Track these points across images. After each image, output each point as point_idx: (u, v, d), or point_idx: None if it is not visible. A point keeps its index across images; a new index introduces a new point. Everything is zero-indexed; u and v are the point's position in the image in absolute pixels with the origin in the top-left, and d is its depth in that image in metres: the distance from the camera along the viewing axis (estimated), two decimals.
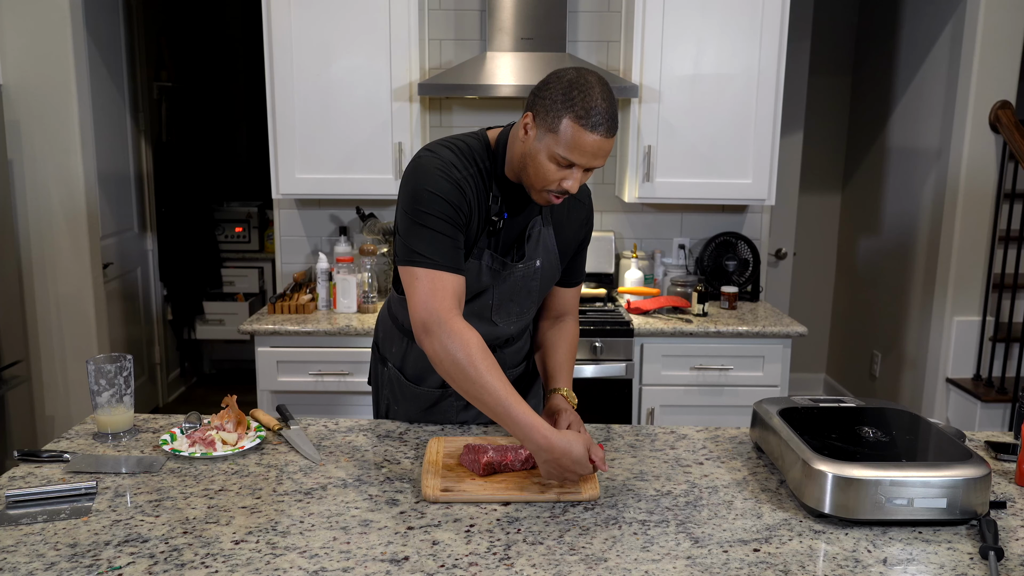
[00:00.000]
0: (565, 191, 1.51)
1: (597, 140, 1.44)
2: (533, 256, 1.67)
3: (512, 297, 1.70)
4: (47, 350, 3.50)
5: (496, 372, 1.42)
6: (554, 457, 1.38)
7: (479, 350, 1.43)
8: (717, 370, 2.93)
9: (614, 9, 3.31)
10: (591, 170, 1.52)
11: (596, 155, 1.47)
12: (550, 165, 1.48)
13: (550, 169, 1.48)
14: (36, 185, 3.39)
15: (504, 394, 1.40)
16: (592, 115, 1.42)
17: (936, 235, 3.59)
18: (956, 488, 1.29)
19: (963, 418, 3.49)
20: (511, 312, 1.72)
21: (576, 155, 1.46)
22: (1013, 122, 3.28)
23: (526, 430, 1.39)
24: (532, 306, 1.75)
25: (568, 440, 1.38)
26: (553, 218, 1.71)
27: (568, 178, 1.49)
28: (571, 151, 1.45)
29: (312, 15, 2.93)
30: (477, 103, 3.37)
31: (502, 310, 1.70)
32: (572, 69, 1.50)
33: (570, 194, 1.52)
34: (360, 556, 1.21)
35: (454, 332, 1.44)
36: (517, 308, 1.72)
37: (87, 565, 1.18)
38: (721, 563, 1.21)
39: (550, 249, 1.70)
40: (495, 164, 1.59)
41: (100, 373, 1.63)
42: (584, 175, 1.53)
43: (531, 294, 1.71)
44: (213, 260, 4.87)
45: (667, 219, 3.48)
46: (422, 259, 1.49)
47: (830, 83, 4.52)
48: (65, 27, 3.29)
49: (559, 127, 1.44)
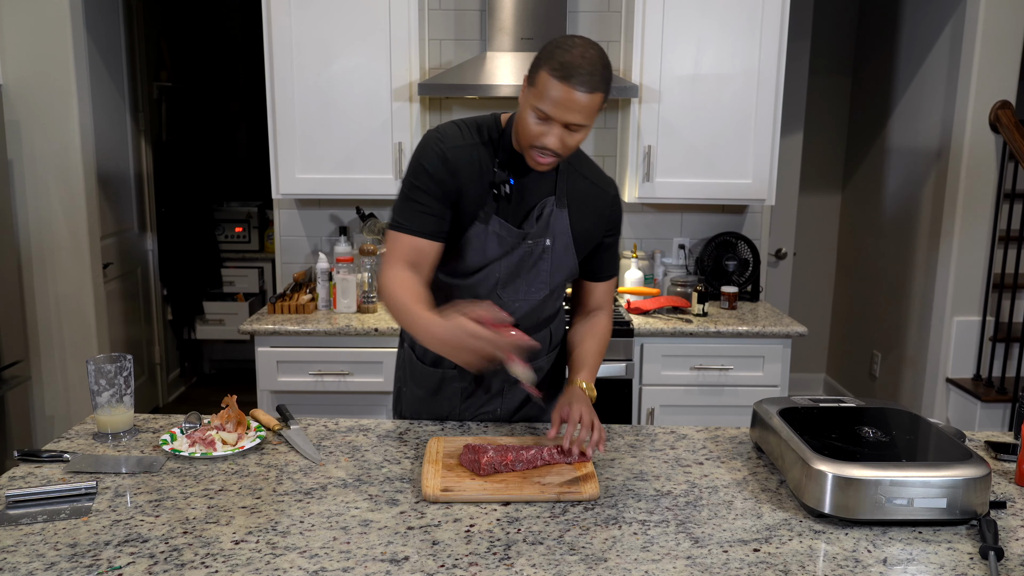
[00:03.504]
0: (545, 147, 1.55)
1: (567, 90, 1.47)
2: (543, 234, 1.69)
3: (519, 273, 1.71)
4: (47, 350, 3.50)
5: (411, 295, 1.56)
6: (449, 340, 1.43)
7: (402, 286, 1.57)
8: (717, 370, 2.93)
9: (614, 9, 3.31)
10: (576, 130, 1.54)
11: (569, 107, 1.49)
12: (530, 118, 1.54)
13: (531, 123, 1.54)
14: (36, 185, 3.39)
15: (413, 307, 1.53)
16: (566, 68, 1.47)
17: (936, 235, 3.59)
18: (956, 488, 1.29)
19: (963, 418, 3.49)
20: (518, 289, 1.72)
21: (548, 105, 1.50)
22: (1013, 122, 3.28)
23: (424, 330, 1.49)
24: (541, 287, 1.74)
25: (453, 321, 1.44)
26: (570, 202, 1.71)
27: (547, 133, 1.54)
28: (542, 101, 1.50)
29: (312, 15, 2.93)
30: (477, 103, 3.37)
31: (509, 286, 1.71)
32: (570, 36, 1.55)
33: (554, 153, 1.55)
34: (360, 556, 1.21)
35: (386, 277, 1.60)
36: (525, 286, 1.72)
37: (87, 565, 1.18)
38: (721, 563, 1.21)
39: (563, 231, 1.70)
40: (503, 136, 1.67)
41: (100, 373, 1.63)
42: (568, 134, 1.54)
43: (540, 274, 1.72)
44: (213, 260, 4.87)
45: (667, 219, 3.48)
46: (394, 223, 1.64)
47: (830, 83, 4.52)
48: (65, 27, 3.29)
49: (537, 80, 1.52)
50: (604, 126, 3.40)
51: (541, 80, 1.50)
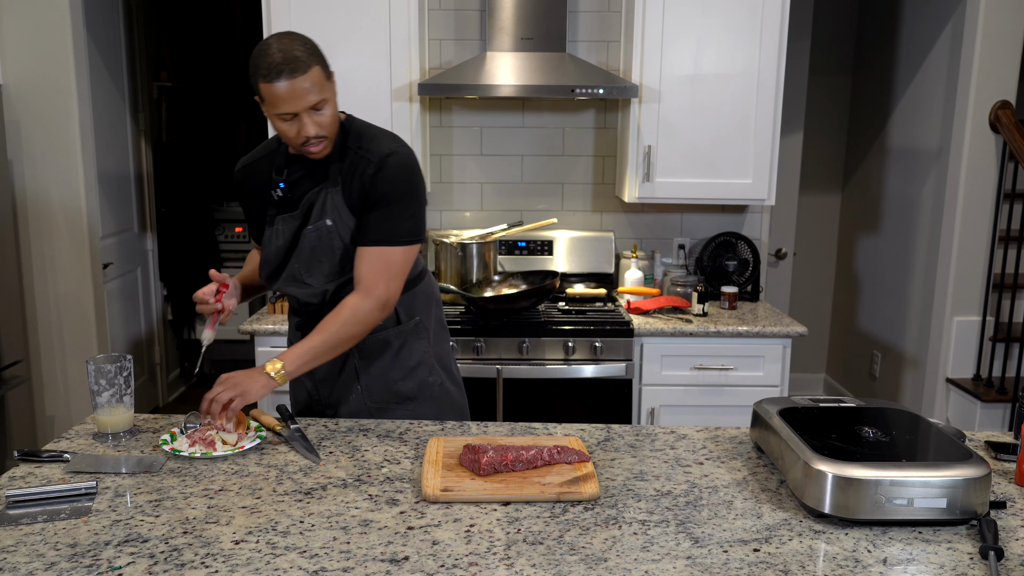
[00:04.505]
0: (308, 136, 1.68)
1: (288, 84, 1.62)
2: (321, 216, 1.78)
3: (316, 256, 1.80)
4: (47, 350, 3.50)
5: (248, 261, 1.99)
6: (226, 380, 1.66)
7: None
8: (717, 370, 2.93)
9: (614, 9, 3.31)
10: (321, 107, 1.67)
11: (298, 97, 1.63)
12: (282, 125, 1.68)
13: (285, 128, 1.69)
14: (36, 185, 3.39)
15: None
16: (273, 68, 1.61)
17: (936, 235, 3.59)
18: (956, 488, 1.29)
19: (963, 418, 3.49)
20: (321, 272, 1.82)
21: (284, 105, 1.64)
22: (1013, 122, 3.28)
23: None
24: (343, 264, 1.81)
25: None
26: (342, 179, 1.78)
27: (302, 126, 1.67)
28: (277, 105, 1.64)
29: (312, 15, 2.93)
30: (477, 103, 3.37)
31: (313, 271, 1.82)
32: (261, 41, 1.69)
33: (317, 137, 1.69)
34: (360, 556, 1.21)
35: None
36: (327, 268, 1.81)
37: (87, 565, 1.18)
38: (721, 563, 1.21)
39: (338, 208, 1.77)
40: (280, 145, 1.84)
41: (100, 373, 1.63)
42: (318, 115, 1.67)
43: (335, 252, 1.80)
44: (213, 260, 4.87)
45: (667, 219, 3.48)
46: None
47: (830, 83, 4.52)
48: (65, 27, 3.29)
49: (262, 93, 1.65)
50: (604, 126, 3.40)
51: (264, 91, 1.64)
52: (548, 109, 3.39)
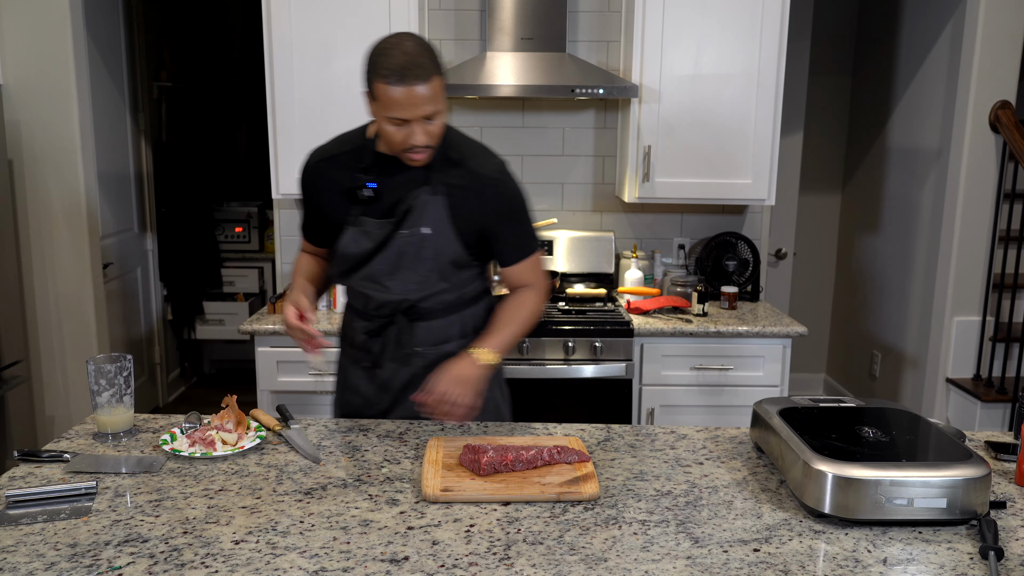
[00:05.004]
0: (415, 145, 1.63)
1: (407, 91, 1.55)
2: (418, 223, 1.73)
3: (403, 263, 1.76)
4: (47, 350, 3.50)
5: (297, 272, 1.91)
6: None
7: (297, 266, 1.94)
8: (717, 370, 2.93)
9: (614, 9, 3.31)
10: (433, 117, 1.62)
11: (416, 105, 1.57)
12: (389, 128, 1.62)
13: (392, 131, 1.62)
14: (36, 185, 3.39)
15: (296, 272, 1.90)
16: (396, 71, 1.54)
17: (936, 235, 3.59)
18: (956, 488, 1.29)
19: (963, 418, 3.49)
20: (407, 279, 1.78)
21: (398, 111, 1.58)
22: (1013, 122, 3.28)
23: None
24: (431, 274, 1.78)
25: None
26: (449, 190, 1.73)
27: (412, 134, 1.61)
28: (391, 109, 1.58)
29: (312, 15, 2.93)
30: (477, 103, 3.37)
31: (397, 276, 1.78)
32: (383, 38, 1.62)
33: (425, 146, 1.64)
34: (360, 556, 1.21)
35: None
36: (414, 276, 1.77)
37: (87, 565, 1.18)
38: (721, 563, 1.21)
39: (440, 218, 1.74)
40: (367, 144, 1.77)
41: (100, 373, 1.63)
42: (429, 124, 1.62)
43: (425, 261, 1.76)
44: (213, 260, 4.86)
45: (667, 219, 3.48)
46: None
47: (830, 83, 4.52)
48: (65, 27, 3.29)
49: (376, 92, 1.59)
50: (604, 126, 3.40)
51: (380, 91, 1.58)
52: (548, 109, 3.39)
